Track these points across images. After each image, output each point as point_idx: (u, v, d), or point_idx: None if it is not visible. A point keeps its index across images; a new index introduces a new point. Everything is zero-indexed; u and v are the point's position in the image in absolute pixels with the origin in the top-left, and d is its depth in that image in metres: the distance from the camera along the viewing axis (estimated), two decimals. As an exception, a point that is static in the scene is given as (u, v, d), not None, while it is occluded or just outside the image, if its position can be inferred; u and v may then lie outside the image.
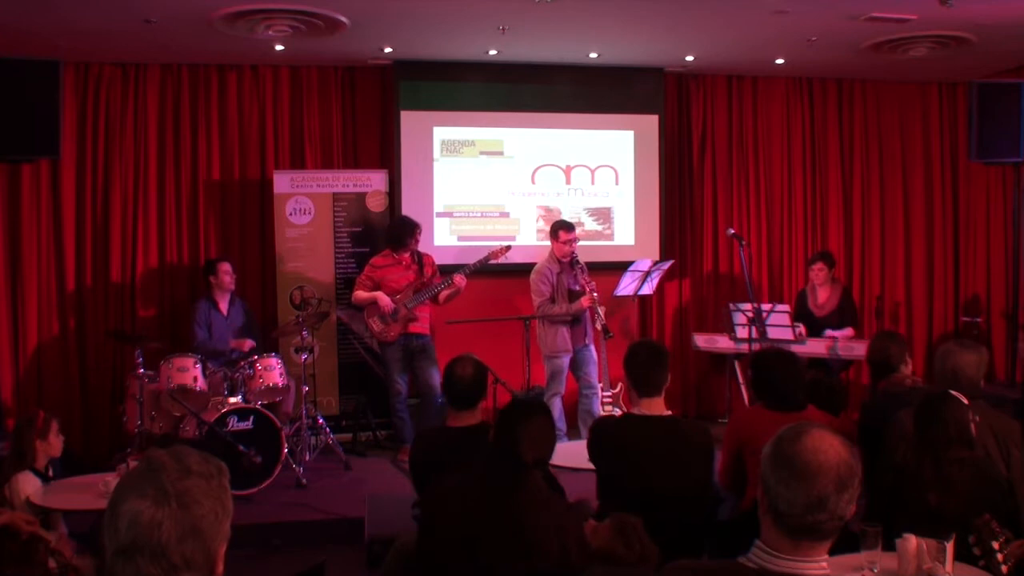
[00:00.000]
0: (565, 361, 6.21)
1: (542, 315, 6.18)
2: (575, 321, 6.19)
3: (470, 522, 2.55)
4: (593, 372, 6.29)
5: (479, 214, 7.16)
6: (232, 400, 5.54)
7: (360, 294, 6.22)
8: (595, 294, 6.08)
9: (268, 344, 6.28)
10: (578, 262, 6.19)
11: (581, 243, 6.41)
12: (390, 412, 6.37)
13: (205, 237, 6.85)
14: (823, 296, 6.79)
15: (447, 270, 6.27)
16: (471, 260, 6.24)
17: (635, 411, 3.41)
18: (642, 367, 3.38)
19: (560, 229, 6.22)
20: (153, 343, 5.78)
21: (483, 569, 2.49)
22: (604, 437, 3.39)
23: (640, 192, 7.36)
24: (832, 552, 1.78)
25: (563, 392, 6.27)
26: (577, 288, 6.16)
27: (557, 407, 6.21)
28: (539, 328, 6.24)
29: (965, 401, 3.08)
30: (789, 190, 7.72)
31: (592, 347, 6.30)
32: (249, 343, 6.11)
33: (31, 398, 6.40)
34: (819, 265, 6.77)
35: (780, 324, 6.37)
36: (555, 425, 2.92)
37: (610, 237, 7.35)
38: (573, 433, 6.33)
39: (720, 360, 7.36)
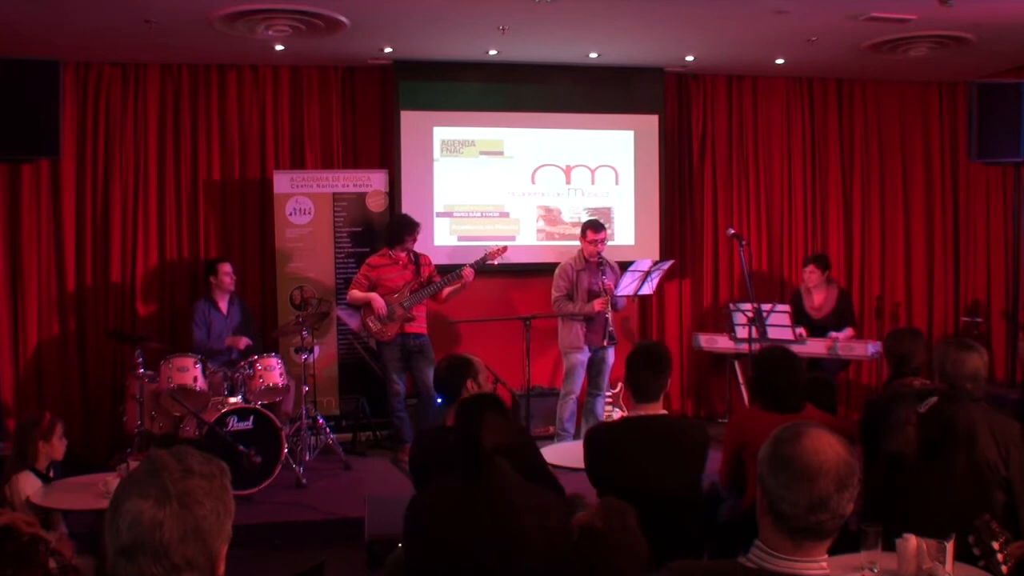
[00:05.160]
0: (580, 358, 6.17)
1: (556, 311, 6.19)
2: (590, 320, 6.17)
3: (449, 519, 2.54)
4: (605, 378, 6.30)
5: (479, 214, 7.16)
6: (232, 400, 5.55)
7: (355, 293, 6.21)
8: (610, 298, 6.05)
9: (268, 344, 6.29)
10: (605, 263, 6.22)
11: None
12: (389, 412, 6.37)
13: (205, 237, 6.85)
14: (819, 298, 6.77)
15: (445, 270, 6.26)
16: (470, 260, 6.23)
17: (632, 414, 3.43)
18: (639, 374, 3.39)
19: (588, 228, 6.21)
20: (153, 343, 5.79)
21: (469, 568, 2.48)
22: (599, 443, 3.39)
23: (640, 192, 7.36)
24: (832, 552, 1.78)
25: (578, 392, 6.23)
26: (596, 289, 6.14)
27: (570, 408, 6.19)
28: (559, 324, 6.28)
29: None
30: (789, 190, 7.72)
31: (611, 351, 6.26)
32: (244, 341, 6.11)
33: (31, 398, 6.41)
34: (811, 268, 6.75)
35: (780, 324, 6.37)
36: (510, 415, 2.90)
37: (610, 237, 7.31)
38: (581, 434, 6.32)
39: (720, 360, 7.37)
